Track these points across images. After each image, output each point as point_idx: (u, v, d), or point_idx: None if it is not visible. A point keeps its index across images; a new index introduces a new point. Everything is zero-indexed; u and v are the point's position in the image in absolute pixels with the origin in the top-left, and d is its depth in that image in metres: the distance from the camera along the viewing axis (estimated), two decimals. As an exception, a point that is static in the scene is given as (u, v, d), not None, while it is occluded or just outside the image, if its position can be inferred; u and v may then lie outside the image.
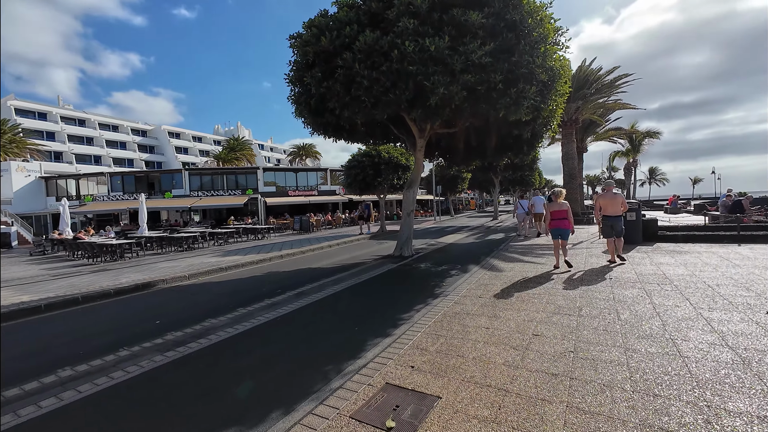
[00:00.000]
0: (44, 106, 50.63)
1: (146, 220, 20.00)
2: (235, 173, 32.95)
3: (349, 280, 7.48)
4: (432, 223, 27.54)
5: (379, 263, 9.44)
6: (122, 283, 8.12)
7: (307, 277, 8.32)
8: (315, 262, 10.61)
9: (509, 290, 5.67)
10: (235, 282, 8.35)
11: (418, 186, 10.67)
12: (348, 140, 10.74)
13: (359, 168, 17.93)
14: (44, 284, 8.90)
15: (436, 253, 10.61)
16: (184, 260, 12.00)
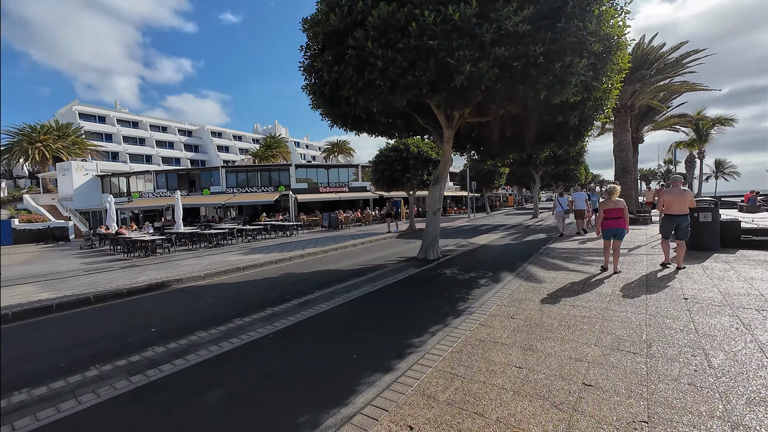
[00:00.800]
0: (103, 110, 55.05)
1: (182, 217, 20.71)
2: (269, 170, 33.50)
3: (364, 287, 6.73)
4: (465, 221, 26.14)
5: (401, 267, 8.60)
6: (137, 282, 7.99)
7: (321, 281, 7.70)
8: (334, 263, 10.01)
9: (550, 309, 4.60)
10: (247, 285, 7.93)
11: (445, 182, 9.67)
12: (370, 133, 9.97)
13: (386, 163, 17.13)
14: (73, 280, 9.07)
15: (466, 257, 9.55)
16: (208, 258, 11.95)
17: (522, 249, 10.54)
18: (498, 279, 6.73)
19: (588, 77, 5.58)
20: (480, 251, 10.53)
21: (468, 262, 8.65)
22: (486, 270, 7.60)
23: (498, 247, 11.18)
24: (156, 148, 57.46)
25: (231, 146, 68.55)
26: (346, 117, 8.53)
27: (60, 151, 37.68)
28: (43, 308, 6.38)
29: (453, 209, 36.83)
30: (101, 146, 46.78)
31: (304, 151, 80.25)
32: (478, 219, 27.63)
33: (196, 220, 29.78)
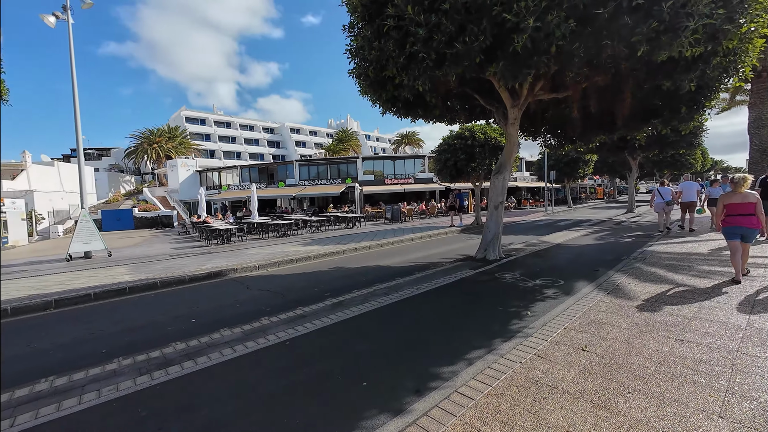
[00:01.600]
0: (203, 113, 62.98)
1: (259, 207, 22.38)
2: (338, 163, 34.51)
3: (406, 289, 6.03)
4: (541, 215, 23.41)
5: (454, 267, 7.66)
6: (200, 270, 8.50)
7: (364, 279, 7.22)
8: (385, 259, 9.48)
9: (644, 342, 3.36)
10: (293, 278, 7.85)
11: (510, 171, 8.34)
12: (425, 118, 9.10)
13: (449, 152, 15.93)
14: (156, 264, 10.14)
15: (533, 259, 8.14)
16: (271, 247, 12.46)
17: (608, 251, 8.66)
18: (571, 290, 5.41)
19: (716, 18, 3.92)
20: (552, 252, 8.93)
21: (535, 266, 7.31)
22: (556, 277, 6.25)
23: (576, 248, 9.40)
24: (244, 145, 63.96)
25: (307, 141, 72.85)
26: (395, 101, 7.81)
27: (170, 151, 44.20)
28: (119, 290, 7.09)
29: (528, 202, 33.53)
30: (201, 145, 53.62)
31: (374, 144, 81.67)
32: (556, 213, 24.56)
33: (272, 210, 32.15)
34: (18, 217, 22.58)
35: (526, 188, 39.47)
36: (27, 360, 4.00)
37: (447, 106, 8.57)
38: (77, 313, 6.02)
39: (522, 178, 38.64)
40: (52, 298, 6.48)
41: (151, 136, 44.21)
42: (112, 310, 6.03)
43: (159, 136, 44.39)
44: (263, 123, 70.82)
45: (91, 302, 6.63)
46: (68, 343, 4.49)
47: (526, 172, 40.90)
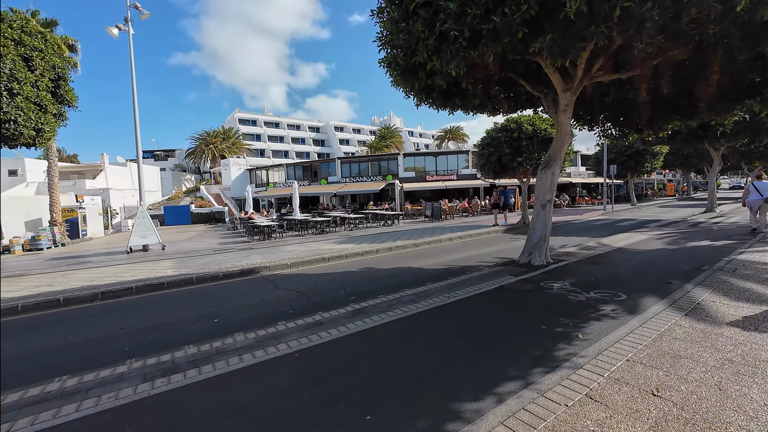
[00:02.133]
0: (255, 114, 66.44)
1: (302, 204, 22.93)
2: (379, 160, 34.36)
3: (436, 297, 5.46)
4: (599, 214, 21.19)
5: (494, 272, 6.90)
6: (235, 267, 8.62)
7: (393, 282, 6.76)
8: (419, 260, 8.95)
9: (744, 391, 2.52)
10: (322, 278, 7.63)
11: (560, 165, 7.33)
12: (464, 109, 8.37)
13: (493, 146, 14.83)
14: (199, 258, 10.56)
15: (587, 266, 7.09)
16: (307, 245, 12.50)
17: (684, 259, 7.29)
18: (635, 308, 4.49)
19: None
20: (612, 258, 7.74)
21: (589, 275, 6.31)
22: (617, 289, 5.28)
23: (642, 254, 8.07)
24: (291, 144, 66.54)
25: (351, 139, 73.89)
26: (430, 91, 7.22)
27: (224, 151, 47.21)
28: (158, 284, 7.36)
29: (583, 199, 30.70)
30: (251, 145, 56.64)
31: (417, 140, 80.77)
32: (617, 212, 22.10)
33: (314, 207, 32.88)
34: (95, 212, 25.36)
35: (582, 184, 36.24)
36: (58, 354, 4.12)
37: (488, 94, 7.76)
38: (118, 305, 6.29)
39: (576, 174, 35.55)
40: (100, 290, 6.87)
41: (208, 138, 47.55)
42: (147, 305, 6.22)
43: (214, 137, 47.60)
44: (309, 122, 73.11)
45: (132, 295, 6.94)
46: (98, 338, 4.60)
47: (581, 166, 37.58)
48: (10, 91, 8.28)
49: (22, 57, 9.18)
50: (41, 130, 9.99)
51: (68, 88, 11.20)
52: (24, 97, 8.79)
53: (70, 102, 11.51)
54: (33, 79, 9.44)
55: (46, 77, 9.96)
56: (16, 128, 8.95)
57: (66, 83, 11.01)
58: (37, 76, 9.59)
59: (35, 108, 9.56)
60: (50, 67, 10.09)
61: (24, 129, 9.14)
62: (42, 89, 9.84)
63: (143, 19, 14.69)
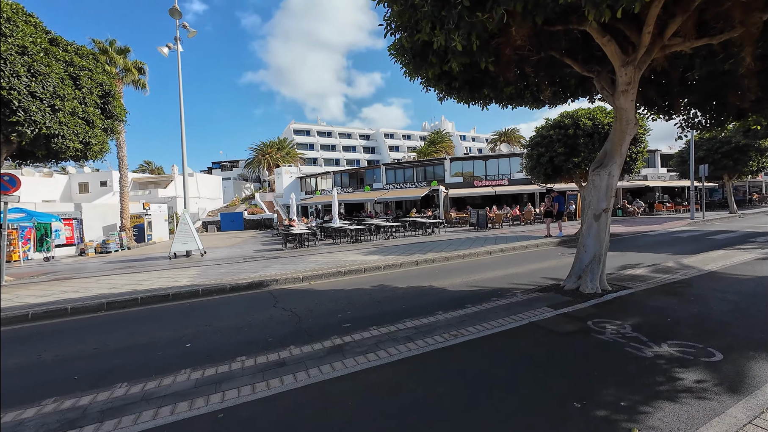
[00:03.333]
0: (308, 125, 69.43)
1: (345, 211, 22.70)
2: (424, 165, 33.19)
3: (441, 333, 4.28)
4: (684, 224, 17.63)
5: (528, 301, 5.45)
6: (244, 279, 8.21)
7: (401, 306, 5.71)
8: (444, 278, 7.73)
9: None
10: (328, 296, 6.83)
11: (620, 163, 5.62)
12: (498, 101, 7.05)
13: (543, 145, 12.92)
14: (224, 267, 10.47)
15: (662, 297, 5.26)
16: (334, 255, 11.89)
17: (818, 293, 5.11)
18: (739, 381, 2.88)
19: None
20: (699, 287, 5.75)
21: (663, 312, 4.59)
22: (706, 341, 3.62)
23: (747, 283, 5.91)
24: (342, 152, 68.14)
25: (401, 145, 73.56)
26: (450, 79, 6.09)
27: (279, 160, 49.68)
28: (163, 296, 7.16)
29: (664, 206, 26.21)
30: (304, 154, 59.01)
31: (470, 144, 77.97)
32: (710, 221, 18.23)
33: (357, 214, 32.68)
34: (161, 218, 27.85)
35: (662, 188, 31.20)
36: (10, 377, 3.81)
37: (524, 79, 6.37)
38: (115, 318, 6.13)
39: (655, 176, 30.67)
40: (107, 300, 6.82)
41: (264, 148, 50.48)
42: (139, 320, 5.95)
43: (270, 147, 50.39)
44: (359, 130, 74.44)
45: (136, 306, 6.79)
46: (65, 358, 4.30)
47: (661, 168, 32.39)
48: (52, 108, 8.87)
49: (71, 76, 9.90)
50: (89, 144, 10.72)
51: (117, 104, 12.04)
52: (68, 112, 9.42)
53: (119, 117, 12.37)
54: (80, 96, 10.14)
55: (94, 94, 10.69)
56: (63, 142, 9.62)
57: (114, 99, 11.82)
58: (85, 93, 10.29)
59: (82, 123, 10.27)
60: (97, 84, 10.82)
61: (70, 143, 9.80)
62: (90, 105, 10.59)
63: (191, 38, 15.52)
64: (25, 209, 16.20)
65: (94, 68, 10.76)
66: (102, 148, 11.71)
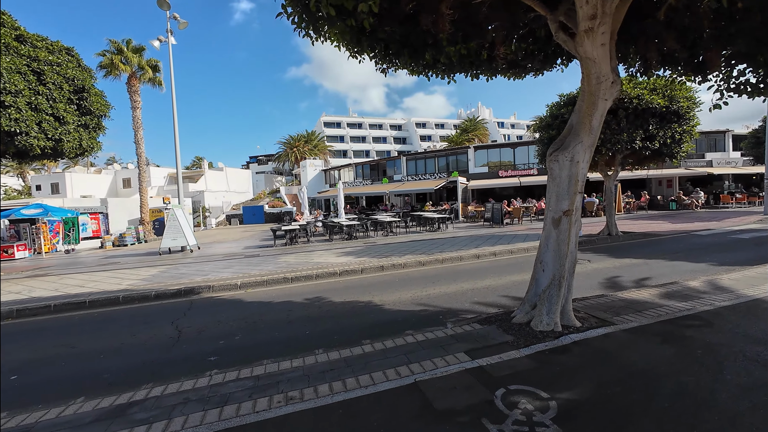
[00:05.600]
0: (338, 117, 69.20)
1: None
2: (446, 155, 31.10)
3: (304, 384, 3.01)
4: (753, 220, 14.22)
5: (451, 339, 3.90)
6: (172, 286, 7.42)
7: (318, 328, 4.55)
8: (393, 292, 6.35)
9: None
10: (247, 309, 5.81)
11: (590, 145, 3.81)
12: (449, 70, 5.49)
13: (555, 127, 10.71)
14: (194, 266, 9.92)
15: (652, 345, 3.41)
16: (310, 254, 10.91)
17: None
18: None
19: None
20: (721, 328, 3.74)
21: (637, 379, 2.87)
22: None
23: None
24: (372, 144, 67.15)
25: (433, 135, 70.91)
26: (374, 41, 4.66)
27: (306, 153, 49.90)
28: (79, 303, 6.59)
29: (732, 198, 21.87)
30: (333, 146, 58.84)
31: (508, 131, 73.29)
32: (791, 217, 14.57)
33: (375, 207, 31.54)
34: (186, 212, 28.88)
35: (733, 176, 26.24)
36: None
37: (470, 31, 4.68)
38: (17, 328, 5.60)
39: (724, 162, 25.80)
40: (16, 307, 6.37)
41: (292, 142, 50.94)
42: (28, 333, 5.35)
43: (298, 140, 50.72)
44: (391, 120, 72.86)
45: (49, 314, 6.27)
46: None
47: (733, 152, 27.19)
48: (1, 104, 8.69)
49: (34, 71, 9.72)
50: (61, 141, 10.59)
51: (95, 99, 11.88)
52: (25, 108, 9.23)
53: (99, 113, 12.23)
54: (46, 92, 9.96)
55: (64, 89, 10.50)
56: (26, 140, 9.49)
57: (91, 95, 11.65)
58: (52, 88, 10.10)
59: (50, 119, 10.12)
60: (68, 80, 10.62)
61: (35, 140, 9.65)
62: (60, 101, 10.42)
63: (182, 29, 15.15)
64: (43, 204, 17.14)
65: (65, 63, 10.57)
66: (83, 145, 11.63)
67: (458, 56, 5.05)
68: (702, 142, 27.63)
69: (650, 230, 12.51)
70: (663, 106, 9.74)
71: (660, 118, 10.08)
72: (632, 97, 9.43)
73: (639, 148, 10.19)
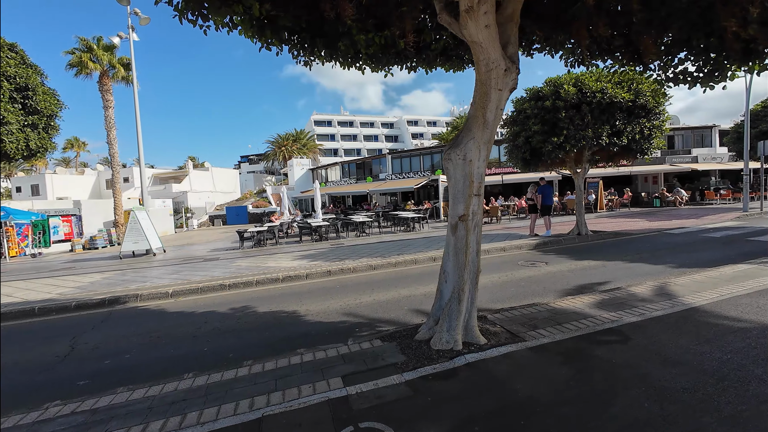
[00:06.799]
0: (329, 115, 68.60)
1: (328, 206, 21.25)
2: (431, 153, 30.66)
3: (185, 410, 2.59)
4: (731, 217, 13.91)
5: (340, 359, 3.48)
6: (97, 295, 6.97)
7: (204, 349, 4.08)
8: (324, 300, 5.93)
9: None
10: (161, 320, 5.39)
11: (485, 141, 3.37)
12: (364, 61, 5.06)
13: (519, 122, 10.30)
14: (138, 272, 9.47)
15: (554, 366, 3.00)
16: (267, 258, 10.47)
17: None
18: None
19: None
20: (638, 345, 3.34)
21: (513, 412, 2.49)
22: None
23: (735, 336, 3.42)
24: (363, 142, 66.58)
25: (425, 133, 70.39)
26: (262, 24, 4.20)
27: (294, 152, 49.31)
28: None
29: (717, 194, 21.56)
30: (322, 145, 58.25)
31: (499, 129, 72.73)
32: (767, 215, 14.27)
33: (359, 206, 31.12)
34: (166, 213, 28.34)
35: (720, 172, 25.97)
36: None
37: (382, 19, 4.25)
38: None
39: (709, 157, 25.50)
40: None
41: (281, 140, 50.35)
42: None
43: (286, 139, 50.14)
44: (382, 118, 72.30)
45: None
46: None
47: (720, 147, 26.91)
48: None
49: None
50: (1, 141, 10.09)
51: (42, 98, 11.36)
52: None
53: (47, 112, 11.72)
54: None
55: (3, 87, 9.99)
56: (-43, 140, 8.99)
57: (38, 93, 11.14)
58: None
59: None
60: (8, 77, 10.11)
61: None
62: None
63: (143, 25, 14.62)
64: (5, 207, 16.61)
65: (5, 60, 10.05)
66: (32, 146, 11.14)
67: (377, 46, 4.61)
68: (689, 138, 27.33)
69: (623, 229, 12.13)
70: (629, 101, 9.35)
71: (627, 113, 9.69)
72: (595, 91, 9.02)
73: (606, 144, 9.80)
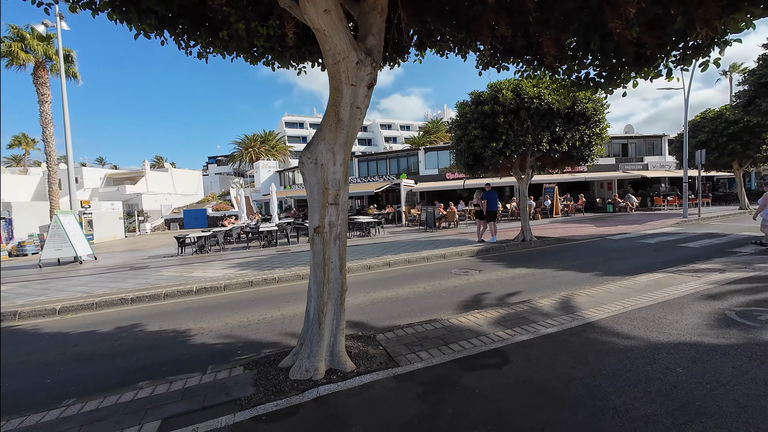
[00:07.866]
0: (301, 117, 67.39)
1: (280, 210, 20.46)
2: (397, 157, 30.56)
3: None
4: (671, 223, 14.45)
5: (215, 386, 3.02)
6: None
7: (77, 371, 3.43)
8: (224, 316, 5.38)
9: None
10: (27, 343, 4.62)
11: (341, 143, 2.98)
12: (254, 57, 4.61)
13: (461, 127, 10.16)
14: (42, 284, 8.49)
15: (406, 402, 2.69)
16: (199, 266, 9.73)
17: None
18: None
19: None
20: (506, 371, 3.15)
21: None
22: None
23: (613, 357, 3.26)
24: (335, 145, 65.84)
25: (398, 136, 70.59)
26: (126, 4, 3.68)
27: (262, 154, 47.90)
28: None
29: (664, 200, 22.61)
30: (293, 147, 57.05)
31: (474, 134, 74.10)
32: (704, 221, 14.97)
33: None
34: (115, 216, 26.53)
35: (669, 179, 27.34)
36: None
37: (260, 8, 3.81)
38: None
39: (659, 165, 26.80)
40: None
41: (248, 142, 48.80)
42: None
43: (254, 141, 48.65)
44: (355, 122, 71.84)
45: None
46: None
47: (669, 156, 28.36)
48: None
49: None
50: None
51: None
52: None
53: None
54: None
55: None
56: None
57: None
58: None
59: None
60: None
61: None
62: None
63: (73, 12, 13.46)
64: None
65: None
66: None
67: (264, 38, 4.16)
68: (641, 146, 28.67)
69: (568, 235, 12.27)
70: (567, 108, 9.40)
71: (567, 120, 9.75)
72: (532, 96, 8.99)
73: (547, 150, 9.81)
